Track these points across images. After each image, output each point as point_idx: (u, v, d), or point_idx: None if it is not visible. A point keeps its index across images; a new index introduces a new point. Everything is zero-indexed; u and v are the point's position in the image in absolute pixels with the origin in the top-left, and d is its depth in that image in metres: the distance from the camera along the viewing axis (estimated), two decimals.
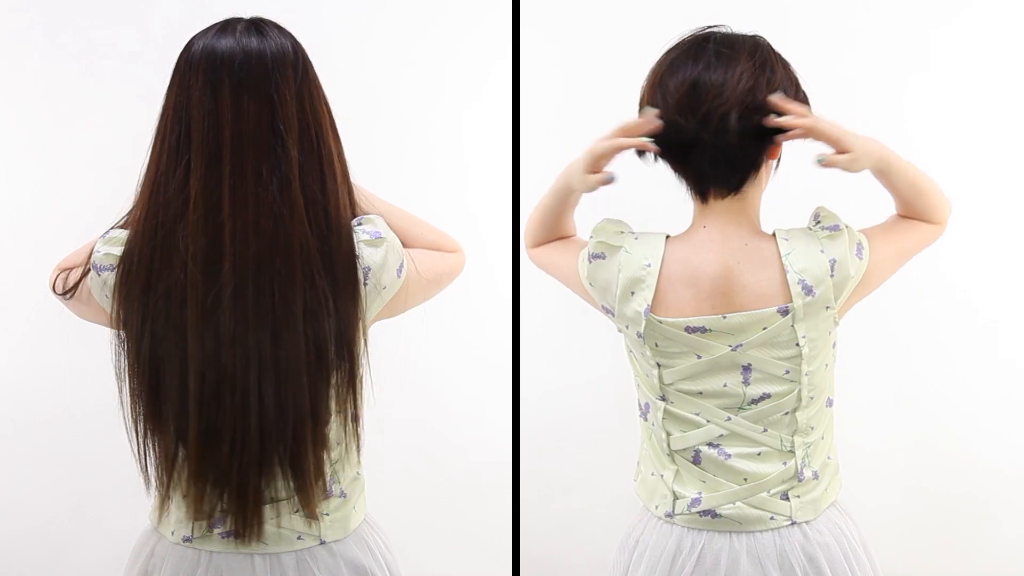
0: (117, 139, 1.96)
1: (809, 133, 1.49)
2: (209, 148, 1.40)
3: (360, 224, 1.49)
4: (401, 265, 1.51)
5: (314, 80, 1.48)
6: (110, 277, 1.46)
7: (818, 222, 1.55)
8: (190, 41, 1.46)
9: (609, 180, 1.56)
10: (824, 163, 1.51)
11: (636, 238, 1.56)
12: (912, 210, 1.63)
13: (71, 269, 1.52)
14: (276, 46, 1.44)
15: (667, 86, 1.50)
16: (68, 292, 1.50)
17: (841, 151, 1.51)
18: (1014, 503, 2.50)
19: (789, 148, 1.54)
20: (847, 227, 1.54)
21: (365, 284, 1.47)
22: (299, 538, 1.53)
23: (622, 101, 1.65)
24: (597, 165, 1.56)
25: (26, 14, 2.48)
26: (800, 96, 1.53)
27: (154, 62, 1.54)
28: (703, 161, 1.50)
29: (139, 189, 1.46)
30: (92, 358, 1.59)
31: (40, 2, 2.48)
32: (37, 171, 2.51)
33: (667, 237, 1.56)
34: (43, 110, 2.48)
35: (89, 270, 1.48)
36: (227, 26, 1.46)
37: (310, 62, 1.49)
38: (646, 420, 1.61)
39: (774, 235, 1.54)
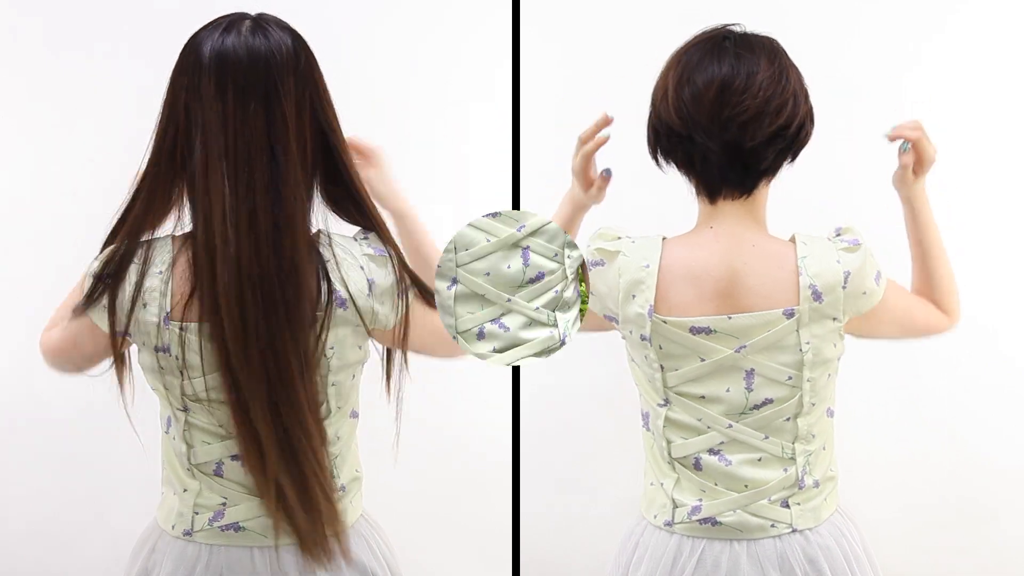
0: (118, 139, 1.96)
1: (917, 142, 1.59)
2: (217, 154, 1.39)
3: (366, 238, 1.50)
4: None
5: (319, 83, 1.46)
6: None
7: (839, 235, 1.55)
8: (195, 38, 1.44)
9: (606, 178, 1.60)
10: (904, 160, 1.61)
11: (633, 241, 1.56)
12: (925, 277, 1.65)
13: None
14: (282, 49, 1.42)
15: (695, 84, 1.49)
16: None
17: (918, 169, 1.60)
18: (1019, 508, 2.50)
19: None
20: (869, 250, 1.54)
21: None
22: None
23: (622, 102, 1.65)
24: (585, 179, 1.61)
25: (26, 13, 2.48)
26: (808, 103, 1.53)
27: (153, 61, 1.54)
28: (721, 162, 1.50)
29: (134, 191, 1.46)
30: None
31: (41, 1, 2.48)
32: (38, 171, 2.51)
33: (664, 239, 1.56)
34: (42, 110, 2.48)
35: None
36: (232, 24, 1.43)
37: (315, 63, 1.46)
38: (648, 429, 1.61)
39: (792, 238, 1.54)
